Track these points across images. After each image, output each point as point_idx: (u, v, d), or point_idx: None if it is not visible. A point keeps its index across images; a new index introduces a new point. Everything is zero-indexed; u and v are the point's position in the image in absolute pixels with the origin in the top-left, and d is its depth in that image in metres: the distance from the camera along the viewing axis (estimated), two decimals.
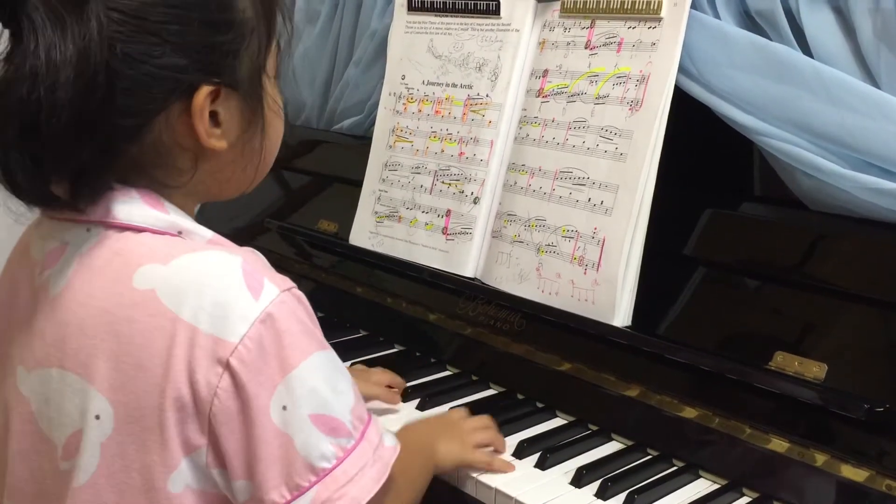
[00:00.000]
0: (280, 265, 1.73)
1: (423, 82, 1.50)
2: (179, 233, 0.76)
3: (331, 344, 1.41)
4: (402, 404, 1.24)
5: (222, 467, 0.72)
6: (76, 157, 0.69)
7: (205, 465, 0.72)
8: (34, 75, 0.66)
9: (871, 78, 1.07)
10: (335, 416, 0.74)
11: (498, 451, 1.10)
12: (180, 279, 0.72)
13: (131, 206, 0.74)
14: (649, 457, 1.12)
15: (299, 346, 0.73)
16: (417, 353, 1.42)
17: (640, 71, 1.20)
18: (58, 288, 0.75)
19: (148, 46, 0.70)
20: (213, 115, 0.75)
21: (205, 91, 0.73)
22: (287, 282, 0.75)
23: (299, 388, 0.72)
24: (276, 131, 0.84)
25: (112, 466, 0.72)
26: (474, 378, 1.32)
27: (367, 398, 1.20)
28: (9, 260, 0.85)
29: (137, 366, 0.71)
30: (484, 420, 1.12)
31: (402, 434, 1.01)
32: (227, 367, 0.70)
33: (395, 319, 1.47)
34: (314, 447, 0.73)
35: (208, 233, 0.78)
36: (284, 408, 0.71)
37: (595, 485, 1.04)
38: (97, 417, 0.72)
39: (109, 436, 0.72)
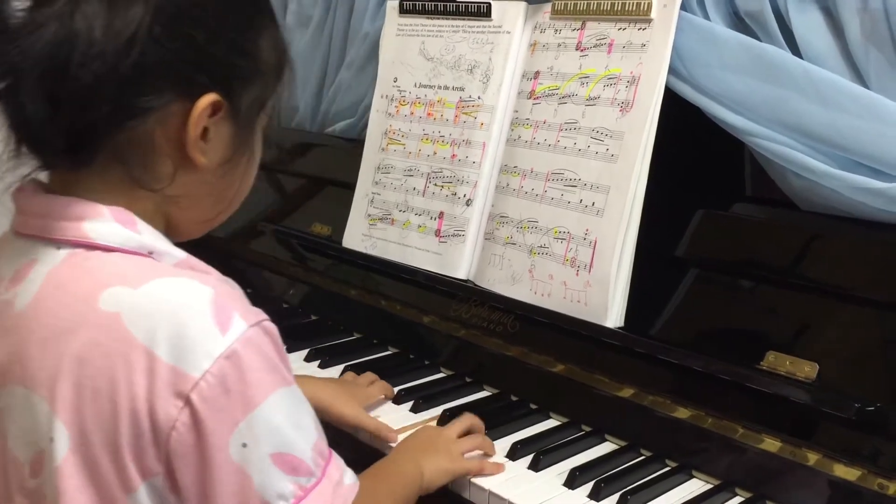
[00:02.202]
0: (274, 268, 1.74)
1: (415, 85, 1.50)
2: (150, 253, 0.75)
3: (325, 347, 1.44)
4: (395, 406, 1.24)
5: (178, 494, 0.72)
6: (91, 110, 0.70)
7: (161, 490, 0.72)
8: (74, 25, 0.68)
9: (860, 78, 1.07)
10: (296, 455, 0.73)
11: (487, 455, 1.10)
12: (147, 305, 0.71)
13: (102, 225, 0.74)
14: (642, 457, 1.12)
15: (263, 384, 0.72)
16: (411, 356, 1.42)
17: (631, 72, 1.21)
18: (23, 304, 0.74)
19: (178, 38, 0.72)
20: (204, 132, 0.76)
21: (210, 98, 0.75)
22: (258, 315, 0.74)
23: (261, 427, 0.71)
24: (251, 177, 0.86)
25: (70, 486, 0.72)
26: (468, 380, 1.33)
27: (357, 426, 1.18)
28: None
29: (96, 389, 0.70)
30: (467, 423, 1.12)
31: (385, 461, 1.02)
32: (188, 401, 0.69)
33: (389, 322, 1.47)
34: (272, 486, 0.72)
35: (181, 253, 0.77)
36: (244, 445, 0.71)
37: (588, 486, 1.04)
38: (51, 440, 0.71)
39: (65, 457, 0.71)
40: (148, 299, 0.71)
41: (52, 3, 0.69)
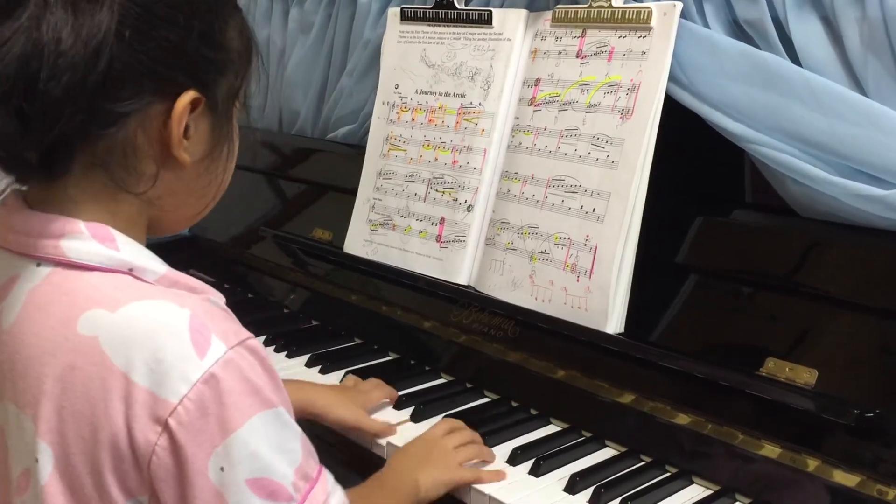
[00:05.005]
0: (275, 274, 1.75)
1: (417, 91, 1.51)
2: (130, 270, 0.74)
3: (326, 352, 1.44)
4: (396, 412, 1.25)
5: None
6: (62, 124, 0.68)
7: None
8: (41, 37, 0.66)
9: (859, 86, 1.08)
10: (275, 480, 0.72)
11: (486, 463, 1.10)
12: (125, 330, 0.70)
13: (81, 243, 0.73)
14: (642, 463, 1.12)
15: (241, 408, 0.71)
16: (412, 361, 1.42)
17: (631, 80, 1.21)
18: (8, 323, 0.74)
19: (149, 39, 0.71)
20: (185, 129, 0.75)
21: (190, 95, 0.74)
22: (239, 334, 0.73)
23: (238, 452, 0.70)
24: (231, 167, 0.84)
25: None
26: (469, 386, 1.33)
27: (358, 428, 1.18)
28: None
29: (76, 412, 0.70)
30: (467, 435, 1.12)
31: (380, 475, 1.02)
32: (166, 426, 0.69)
33: (390, 327, 1.47)
34: None
35: (162, 268, 0.76)
36: (222, 469, 0.70)
37: (589, 491, 1.04)
38: (36, 460, 0.72)
39: (49, 477, 0.72)
40: (125, 323, 0.70)
41: (17, 16, 0.67)
